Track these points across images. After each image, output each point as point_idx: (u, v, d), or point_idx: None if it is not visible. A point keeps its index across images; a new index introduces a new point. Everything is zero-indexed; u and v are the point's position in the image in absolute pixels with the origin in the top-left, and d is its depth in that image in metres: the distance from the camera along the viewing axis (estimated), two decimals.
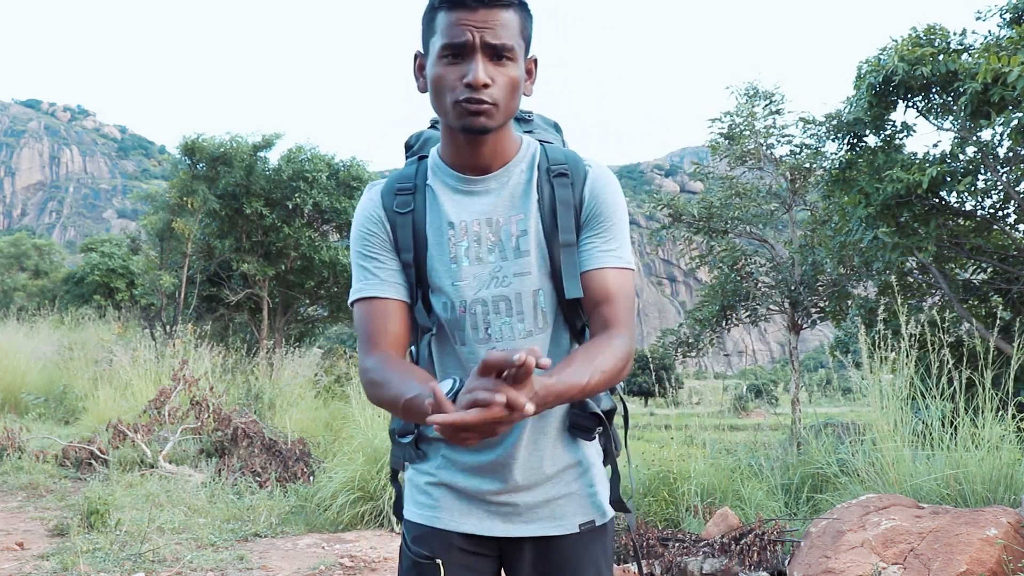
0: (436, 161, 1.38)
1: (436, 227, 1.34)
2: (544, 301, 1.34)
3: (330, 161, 14.83)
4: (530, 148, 1.39)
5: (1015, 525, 3.19)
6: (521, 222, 1.33)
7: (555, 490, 1.36)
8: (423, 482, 1.39)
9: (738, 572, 3.74)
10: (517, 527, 1.35)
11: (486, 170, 1.34)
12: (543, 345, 1.34)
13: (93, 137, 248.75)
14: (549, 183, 1.35)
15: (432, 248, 1.34)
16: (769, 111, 11.05)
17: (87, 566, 3.90)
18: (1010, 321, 7.43)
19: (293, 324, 16.42)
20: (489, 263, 1.33)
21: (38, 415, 9.59)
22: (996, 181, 7.39)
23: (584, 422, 1.37)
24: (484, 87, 1.22)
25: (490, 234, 1.33)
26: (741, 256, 11.27)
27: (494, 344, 1.31)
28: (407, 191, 1.37)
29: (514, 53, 1.25)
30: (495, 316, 1.32)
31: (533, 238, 1.33)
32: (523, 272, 1.32)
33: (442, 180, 1.36)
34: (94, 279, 22.91)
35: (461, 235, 1.33)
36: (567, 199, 1.34)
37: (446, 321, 1.34)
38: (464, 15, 1.22)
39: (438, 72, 1.25)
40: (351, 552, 4.46)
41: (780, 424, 8.86)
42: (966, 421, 4.02)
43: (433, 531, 1.36)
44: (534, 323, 1.33)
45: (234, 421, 6.87)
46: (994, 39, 7.23)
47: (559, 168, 1.36)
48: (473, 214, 1.34)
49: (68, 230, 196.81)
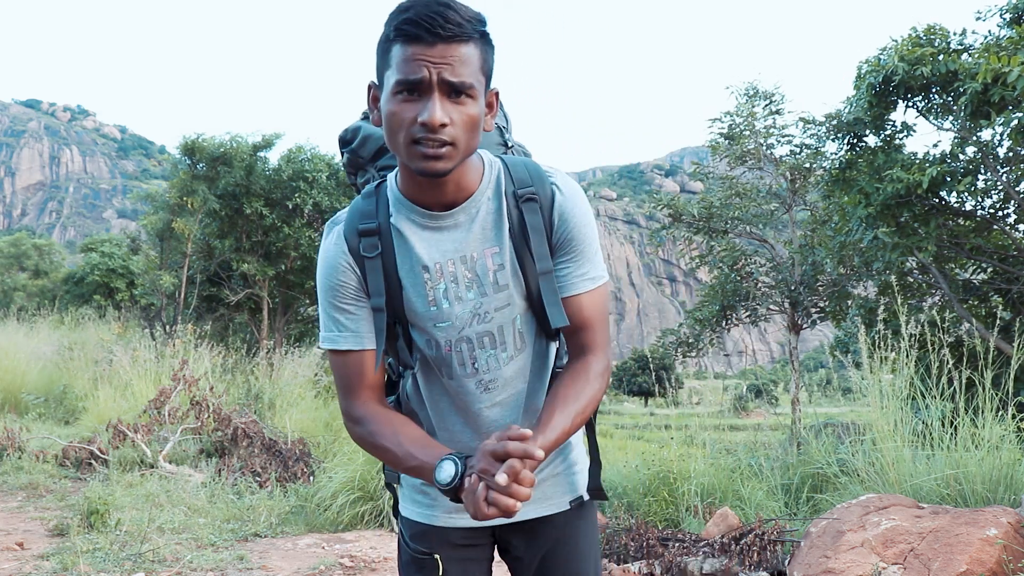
0: (397, 196, 1.32)
1: (409, 269, 1.31)
2: (522, 324, 1.36)
3: (330, 161, 14.82)
4: (493, 170, 1.34)
5: (1015, 525, 3.19)
6: (497, 256, 1.31)
7: (543, 474, 1.42)
8: (419, 483, 1.43)
9: (738, 572, 3.75)
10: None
11: (451, 205, 1.30)
12: (524, 365, 1.37)
13: (93, 137, 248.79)
14: (518, 208, 1.32)
15: (408, 291, 1.31)
16: (769, 111, 11.06)
17: (87, 566, 3.90)
18: (1010, 321, 7.43)
19: (293, 324, 16.43)
20: (469, 301, 1.31)
21: (38, 415, 9.59)
22: (996, 181, 7.39)
23: None
24: (441, 127, 1.16)
25: (466, 271, 1.31)
26: (741, 256, 11.27)
27: (481, 376, 1.34)
28: (372, 232, 1.31)
29: (474, 91, 1.18)
30: (481, 351, 1.34)
31: (509, 269, 1.32)
32: (503, 305, 1.33)
33: (407, 217, 1.31)
34: (94, 279, 22.90)
35: (437, 277, 1.30)
36: (538, 225, 1.31)
37: (431, 358, 1.36)
38: (420, 50, 1.15)
39: (392, 108, 1.19)
40: (351, 552, 4.46)
41: (780, 424, 8.86)
42: (966, 421, 4.02)
43: (431, 528, 1.42)
44: (515, 348, 1.36)
45: (234, 421, 6.87)
46: (994, 39, 7.23)
47: (526, 192, 1.32)
48: (446, 253, 1.30)
49: (68, 230, 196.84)
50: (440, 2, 1.15)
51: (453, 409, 1.39)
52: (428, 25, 1.14)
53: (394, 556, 4.45)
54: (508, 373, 1.36)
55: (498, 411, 1.37)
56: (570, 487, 1.45)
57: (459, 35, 1.16)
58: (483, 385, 1.35)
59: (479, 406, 1.36)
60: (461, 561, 1.43)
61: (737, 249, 11.32)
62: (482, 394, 1.36)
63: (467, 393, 1.36)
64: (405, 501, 1.47)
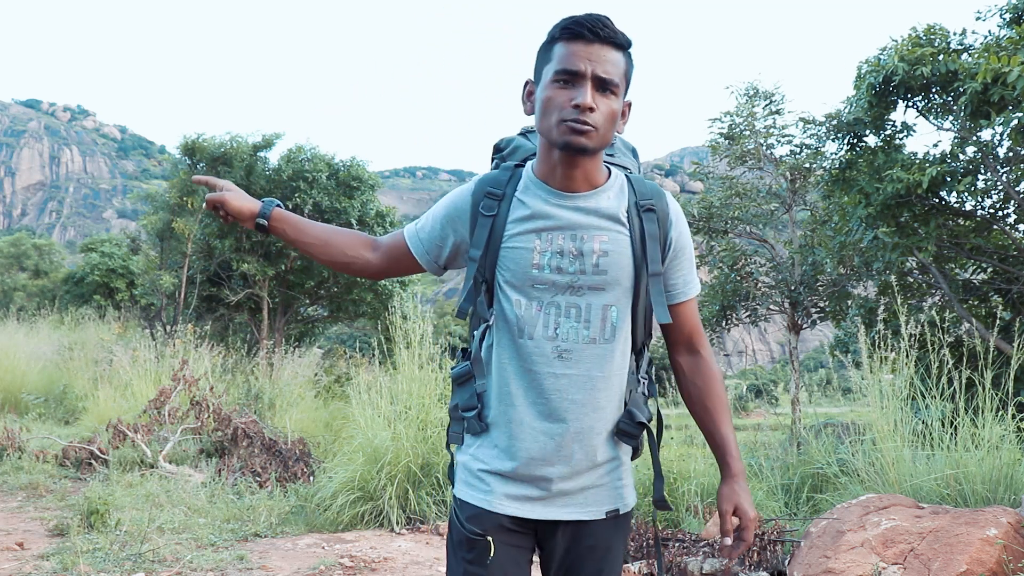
0: (531, 176, 1.53)
1: (524, 234, 1.49)
2: (616, 317, 1.50)
3: (330, 161, 14.83)
4: (618, 179, 1.54)
5: (1015, 525, 3.19)
6: (604, 243, 1.48)
7: (590, 480, 1.52)
8: (476, 468, 1.54)
9: (738, 572, 3.75)
10: (554, 511, 1.51)
11: (576, 190, 1.49)
12: (603, 355, 1.49)
13: (93, 137, 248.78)
14: (639, 216, 1.51)
15: (514, 253, 1.49)
16: (769, 111, 11.04)
17: (87, 566, 3.90)
18: (1010, 321, 7.43)
19: (293, 324, 16.43)
20: (569, 273, 1.48)
21: (38, 415, 9.59)
22: (996, 181, 7.38)
23: (631, 429, 1.53)
24: (590, 110, 1.39)
25: (573, 248, 1.48)
26: (741, 256, 11.26)
27: (559, 343, 1.48)
28: (495, 196, 1.53)
29: (618, 88, 1.42)
30: (565, 320, 1.48)
31: (615, 261, 1.48)
32: (598, 287, 1.48)
33: (534, 193, 1.51)
34: (94, 279, 22.88)
35: (546, 246, 1.48)
36: (655, 233, 1.51)
37: (517, 317, 1.49)
38: (581, 47, 1.40)
39: (549, 94, 1.42)
40: (351, 552, 4.46)
41: (780, 424, 8.85)
42: (966, 421, 4.02)
43: (486, 513, 1.52)
44: (600, 333, 1.49)
45: (234, 421, 6.87)
46: (994, 39, 7.23)
47: (647, 203, 1.53)
48: (560, 227, 1.48)
49: (68, 230, 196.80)
50: (600, 16, 1.42)
51: (520, 373, 1.50)
52: (591, 27, 1.40)
53: (394, 556, 4.45)
54: (586, 352, 1.48)
55: (565, 383, 1.48)
56: (610, 498, 1.54)
57: (613, 40, 1.42)
58: (558, 351, 1.48)
59: (549, 370, 1.47)
60: (509, 546, 1.52)
61: (737, 249, 11.31)
62: (555, 360, 1.47)
63: (542, 355, 1.48)
64: (461, 484, 1.57)
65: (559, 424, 1.48)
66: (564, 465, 1.49)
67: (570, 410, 1.48)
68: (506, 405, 1.51)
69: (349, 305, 15.70)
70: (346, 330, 21.78)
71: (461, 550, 1.53)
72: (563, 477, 1.49)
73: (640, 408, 1.55)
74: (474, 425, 1.55)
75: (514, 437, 1.50)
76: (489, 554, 1.49)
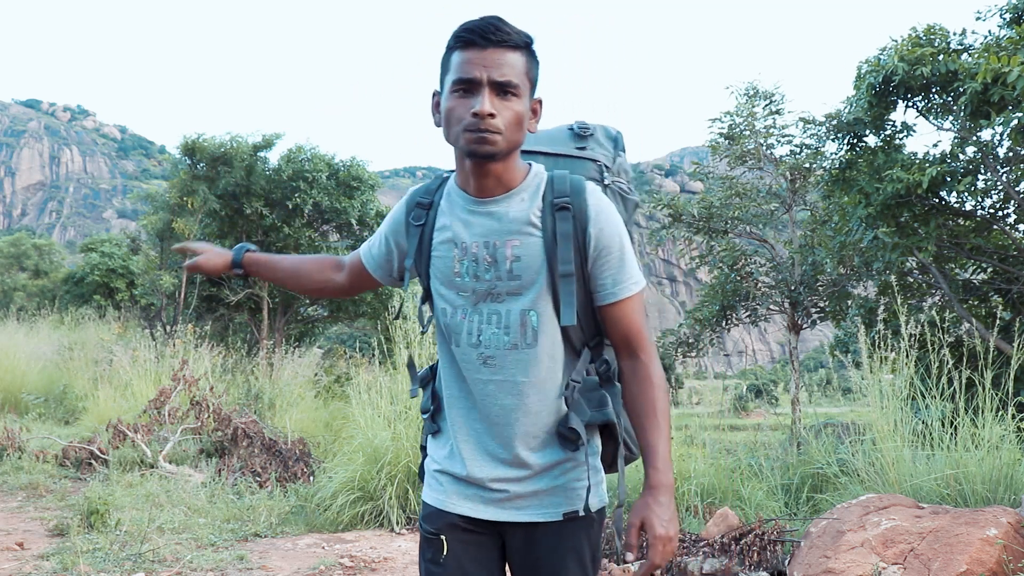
0: (453, 185, 1.57)
1: (445, 243, 1.53)
2: (536, 321, 1.49)
3: (330, 161, 14.82)
4: (536, 178, 1.52)
5: (1015, 525, 3.19)
6: (516, 248, 1.48)
7: (543, 483, 1.51)
8: (433, 469, 1.60)
9: (738, 572, 3.75)
10: (507, 513, 1.52)
11: (490, 195, 1.50)
12: (526, 360, 1.49)
13: (93, 137, 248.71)
14: (552, 216, 1.49)
15: (439, 262, 1.54)
16: (769, 111, 11.04)
17: (87, 566, 3.90)
18: (1010, 321, 7.42)
19: (293, 324, 16.42)
20: (486, 281, 1.49)
21: (38, 415, 9.59)
22: (996, 181, 7.38)
23: (567, 433, 1.50)
24: (489, 116, 1.38)
25: (487, 255, 1.49)
26: (741, 256, 11.25)
27: (482, 350, 1.50)
28: (424, 206, 1.58)
29: (518, 90, 1.41)
30: (487, 326, 1.49)
31: (528, 265, 1.47)
32: (514, 293, 1.48)
33: (454, 201, 1.54)
34: (94, 279, 22.87)
35: (463, 254, 1.50)
36: (567, 232, 1.47)
37: (446, 324, 1.54)
38: (475, 54, 1.40)
39: (450, 105, 1.43)
40: (351, 552, 4.46)
41: (780, 424, 8.85)
42: (966, 421, 4.02)
43: (439, 512, 1.55)
44: (520, 339, 1.48)
45: (234, 421, 6.87)
46: (994, 39, 7.23)
47: (561, 202, 1.49)
48: (475, 236, 1.50)
49: (68, 230, 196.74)
50: (493, 19, 1.41)
51: (456, 378, 1.55)
52: (481, 32, 1.40)
53: (394, 556, 4.46)
54: (509, 359, 1.49)
55: (493, 388, 1.50)
56: (567, 500, 1.52)
57: (506, 42, 1.41)
58: (483, 358, 1.50)
59: (477, 376, 1.51)
60: (466, 544, 1.54)
61: (737, 249, 11.30)
62: (481, 367, 1.50)
63: (469, 362, 1.51)
64: (426, 486, 1.62)
65: (493, 427, 1.51)
66: (507, 469, 1.50)
67: (500, 415, 1.50)
68: (449, 408, 1.57)
69: (349, 305, 15.69)
70: (346, 330, 21.77)
71: (423, 549, 1.58)
72: (509, 480, 1.51)
73: (580, 412, 1.50)
74: (429, 426, 1.62)
75: (458, 441, 1.54)
76: (443, 552, 1.52)
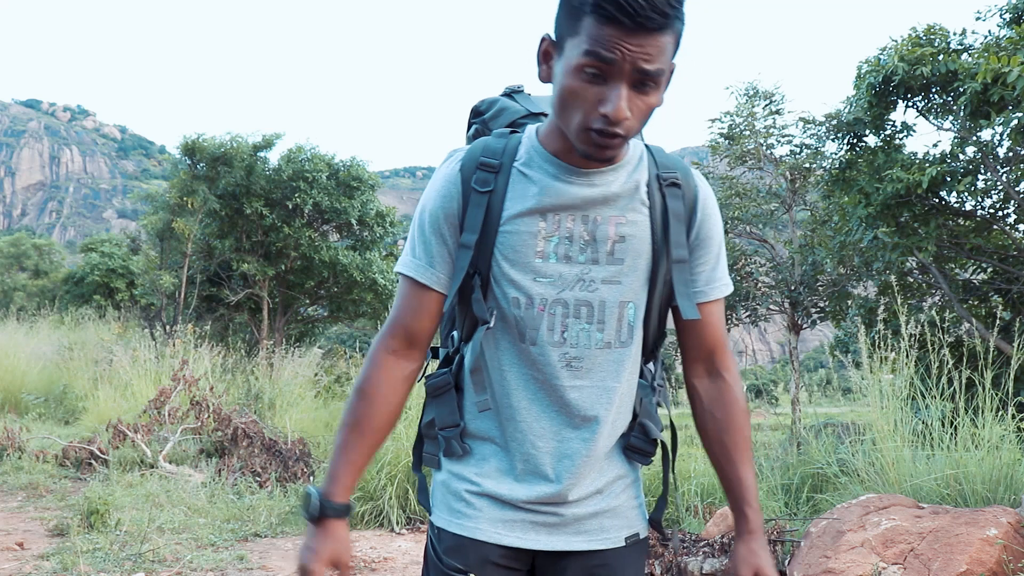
0: (535, 145, 1.24)
1: (525, 215, 1.21)
2: (633, 316, 1.24)
3: (330, 161, 14.84)
4: (636, 149, 1.26)
5: (1015, 525, 3.19)
6: (621, 226, 1.22)
7: (604, 503, 1.28)
8: (463, 489, 1.27)
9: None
10: (563, 539, 1.26)
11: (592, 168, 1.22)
12: (620, 361, 1.25)
13: (93, 137, 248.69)
14: (660, 192, 1.24)
15: (513, 239, 1.21)
16: (769, 111, 11.04)
17: (87, 566, 3.90)
18: (1010, 321, 7.43)
19: (293, 324, 16.43)
20: (579, 264, 1.21)
21: (38, 415, 9.59)
22: (996, 181, 7.38)
23: (644, 447, 1.31)
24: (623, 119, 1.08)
25: (584, 232, 1.21)
26: (741, 256, 11.26)
27: (567, 350, 1.22)
28: (491, 168, 1.23)
29: (661, 79, 1.10)
30: (574, 320, 1.22)
31: (634, 247, 1.22)
32: (613, 280, 1.22)
33: (540, 165, 1.22)
34: (94, 279, 22.89)
35: (553, 229, 1.21)
36: (679, 212, 1.24)
37: (516, 317, 1.23)
38: (618, 34, 1.04)
39: (573, 84, 1.09)
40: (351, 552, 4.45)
41: (780, 424, 8.86)
42: (966, 421, 4.02)
43: (471, 543, 1.25)
44: (616, 336, 1.24)
45: (234, 421, 6.87)
46: (994, 39, 7.23)
47: (671, 177, 1.25)
48: (569, 209, 1.21)
49: (68, 230, 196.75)
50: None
51: (525, 383, 1.24)
52: (632, 12, 1.02)
53: (394, 556, 4.45)
54: (599, 359, 1.23)
55: (576, 396, 1.23)
56: (628, 522, 1.30)
57: (662, 26, 1.05)
58: (566, 360, 1.22)
59: (556, 383, 1.22)
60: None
61: (737, 249, 11.31)
62: (562, 370, 1.22)
63: (547, 365, 1.22)
64: (440, 508, 1.30)
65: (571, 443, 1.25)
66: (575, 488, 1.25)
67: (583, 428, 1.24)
68: (506, 419, 1.26)
69: (349, 305, 15.70)
70: (346, 330, 21.79)
71: None
72: (577, 500, 1.26)
73: (655, 421, 1.32)
74: (455, 447, 1.29)
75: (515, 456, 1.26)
76: None
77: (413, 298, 1.27)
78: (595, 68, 1.07)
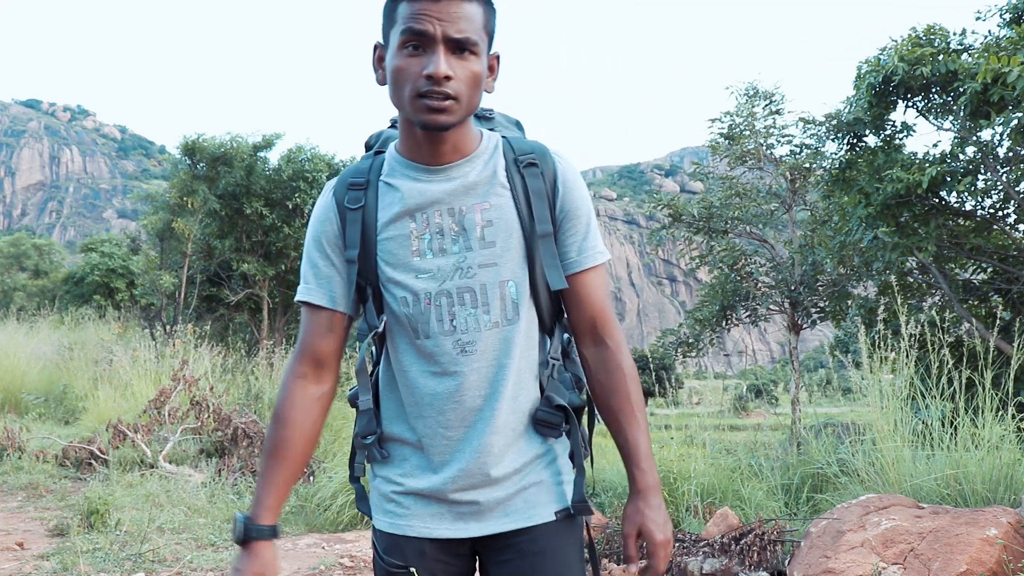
0: (393, 155, 1.35)
1: (396, 220, 1.31)
2: (516, 292, 1.31)
3: (330, 161, 14.85)
4: (491, 140, 1.36)
5: (1015, 525, 3.19)
6: (486, 211, 1.30)
7: (524, 480, 1.33)
8: (390, 491, 1.36)
9: (738, 572, 3.75)
10: (491, 524, 1.32)
11: (447, 161, 1.31)
12: (510, 338, 1.30)
13: (93, 137, 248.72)
14: (520, 173, 1.33)
15: (390, 244, 1.31)
16: (769, 111, 11.04)
17: (87, 566, 3.90)
18: (1010, 321, 7.43)
19: (293, 324, 16.42)
20: (453, 254, 1.30)
21: (38, 415, 9.59)
22: (996, 181, 7.38)
23: (550, 418, 1.34)
24: (446, 79, 1.19)
25: (453, 224, 1.30)
26: (741, 256, 11.27)
27: (459, 336, 1.29)
28: (359, 186, 1.34)
29: (477, 47, 1.22)
30: (460, 308, 1.29)
31: (503, 229, 1.30)
32: (489, 263, 1.30)
33: (401, 172, 1.33)
34: (94, 279, 22.90)
35: (423, 227, 1.30)
36: (540, 189, 1.32)
37: (407, 316, 1.31)
38: (426, 5, 1.19)
39: (398, 64, 1.22)
40: (351, 552, 4.46)
41: (780, 424, 8.86)
42: (966, 421, 4.02)
43: (405, 540, 1.34)
44: (501, 315, 1.30)
45: (234, 421, 6.87)
46: (994, 39, 7.24)
47: (527, 158, 1.34)
48: (434, 205, 1.30)
49: (68, 230, 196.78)
50: None
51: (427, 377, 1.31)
52: None
53: None
54: (490, 340, 1.29)
55: (475, 379, 1.29)
56: (556, 496, 1.35)
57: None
58: (460, 346, 1.29)
59: (455, 369, 1.29)
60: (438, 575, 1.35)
61: (737, 249, 11.31)
62: (459, 356, 1.29)
63: (443, 354, 1.29)
64: (377, 512, 1.39)
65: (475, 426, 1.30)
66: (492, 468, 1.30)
67: (484, 408, 1.29)
68: (415, 418, 1.33)
69: None
70: None
71: None
72: (497, 481, 1.31)
73: (560, 393, 1.34)
74: (375, 453, 1.38)
75: (430, 451, 1.32)
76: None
77: (312, 321, 1.38)
78: (413, 41, 1.20)
